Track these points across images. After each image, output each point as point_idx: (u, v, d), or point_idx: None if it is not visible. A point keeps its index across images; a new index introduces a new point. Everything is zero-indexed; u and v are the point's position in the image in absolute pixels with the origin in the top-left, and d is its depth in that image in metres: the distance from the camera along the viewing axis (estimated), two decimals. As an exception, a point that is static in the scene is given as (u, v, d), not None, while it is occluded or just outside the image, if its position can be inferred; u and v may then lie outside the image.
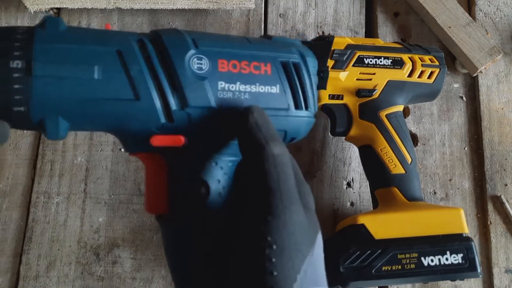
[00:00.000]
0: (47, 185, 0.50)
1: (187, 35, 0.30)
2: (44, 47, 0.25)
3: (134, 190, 0.51)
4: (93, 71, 0.26)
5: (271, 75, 0.31)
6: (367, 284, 0.41)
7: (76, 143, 0.52)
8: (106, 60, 0.26)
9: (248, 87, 0.30)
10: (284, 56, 0.32)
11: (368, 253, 0.40)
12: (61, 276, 0.48)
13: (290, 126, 0.32)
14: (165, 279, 0.49)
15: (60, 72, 0.25)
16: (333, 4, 0.59)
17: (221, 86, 0.29)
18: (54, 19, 0.27)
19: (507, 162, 0.54)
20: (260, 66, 0.30)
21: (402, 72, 0.47)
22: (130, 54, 0.27)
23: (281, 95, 0.31)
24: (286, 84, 0.31)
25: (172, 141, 0.28)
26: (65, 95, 0.25)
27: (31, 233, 0.49)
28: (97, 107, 0.26)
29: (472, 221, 0.53)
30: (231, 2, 0.54)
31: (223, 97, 0.29)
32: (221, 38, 0.31)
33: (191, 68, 0.29)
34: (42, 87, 0.25)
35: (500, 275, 0.51)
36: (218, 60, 0.29)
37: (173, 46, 0.29)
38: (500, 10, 0.59)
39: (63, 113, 0.26)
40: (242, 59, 0.30)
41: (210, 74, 0.29)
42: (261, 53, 0.31)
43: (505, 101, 0.56)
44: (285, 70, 0.32)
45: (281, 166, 0.25)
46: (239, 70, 0.30)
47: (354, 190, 0.53)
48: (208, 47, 0.30)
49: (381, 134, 0.46)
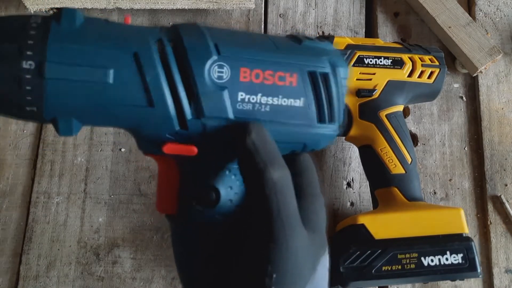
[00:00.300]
0: (47, 185, 0.50)
1: (210, 38, 0.27)
2: (58, 46, 0.24)
3: (134, 190, 0.51)
4: (108, 75, 0.25)
5: (296, 86, 0.28)
6: (367, 284, 0.41)
7: (76, 143, 0.52)
8: (122, 64, 0.25)
9: (270, 99, 0.27)
10: (313, 65, 0.29)
11: (368, 253, 0.40)
12: (61, 276, 0.48)
13: (310, 139, 0.29)
14: (165, 279, 0.49)
15: (73, 75, 0.24)
16: (333, 4, 0.59)
17: (241, 97, 0.27)
18: (70, 12, 0.25)
19: (507, 162, 0.54)
20: (285, 77, 0.28)
21: (402, 72, 0.47)
22: (148, 57, 0.25)
23: (304, 108, 0.28)
24: (311, 97, 0.28)
25: (184, 151, 0.27)
26: (77, 98, 0.25)
27: (31, 233, 0.49)
28: (110, 111, 0.26)
29: (472, 221, 0.53)
30: (231, 2, 0.54)
31: (242, 108, 0.27)
32: (245, 41, 0.29)
33: (210, 76, 0.26)
34: (54, 90, 0.24)
35: (500, 275, 0.51)
36: (241, 69, 0.27)
37: (194, 51, 0.26)
38: (500, 10, 0.59)
39: (75, 115, 0.25)
40: (266, 68, 0.27)
41: (230, 84, 0.27)
42: (288, 61, 0.28)
43: (505, 101, 0.56)
44: (312, 81, 0.29)
45: (281, 192, 0.24)
46: (262, 81, 0.27)
47: (354, 190, 0.53)
48: (231, 54, 0.27)
49: (381, 134, 0.46)
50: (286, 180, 0.25)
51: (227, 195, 0.29)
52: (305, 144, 0.30)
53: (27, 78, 0.23)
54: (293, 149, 0.30)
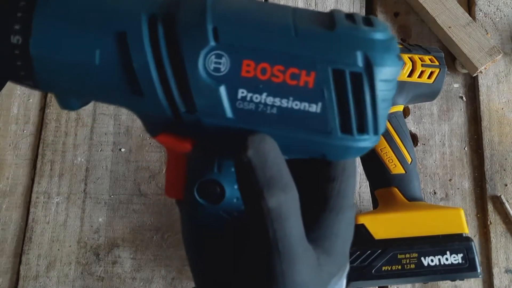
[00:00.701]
0: (47, 185, 0.50)
1: (210, 18, 0.21)
2: (44, 21, 0.21)
3: (134, 190, 0.51)
4: (94, 55, 0.21)
5: (313, 88, 0.22)
6: (367, 284, 0.41)
7: (76, 143, 0.52)
8: (107, 45, 0.21)
9: (278, 100, 0.22)
10: (340, 62, 0.22)
11: (368, 253, 0.40)
12: (61, 276, 0.48)
13: (330, 151, 0.24)
14: (165, 279, 0.49)
15: (58, 54, 0.22)
16: (333, 4, 0.59)
17: (242, 94, 0.22)
18: None
19: (507, 162, 0.54)
20: (299, 75, 0.22)
21: (402, 72, 0.47)
22: (136, 39, 0.21)
23: (322, 115, 0.22)
24: (333, 102, 0.22)
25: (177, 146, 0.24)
26: (66, 78, 0.22)
27: (31, 233, 0.49)
28: (101, 94, 0.23)
29: (472, 221, 0.53)
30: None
31: (243, 108, 0.22)
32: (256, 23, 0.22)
33: (205, 68, 0.22)
34: (41, 68, 0.22)
35: (500, 275, 0.51)
36: (243, 61, 0.22)
37: (187, 36, 0.21)
38: (500, 10, 0.59)
39: (70, 93, 0.23)
40: (276, 62, 0.22)
41: (229, 78, 0.22)
42: (306, 54, 0.22)
43: (505, 101, 0.56)
44: (337, 82, 0.22)
45: (278, 221, 0.20)
46: (269, 77, 0.22)
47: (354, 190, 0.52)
48: (232, 41, 0.22)
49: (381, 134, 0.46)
50: (286, 206, 0.21)
51: (233, 193, 0.25)
52: (324, 154, 0.24)
53: (16, 54, 0.22)
54: (311, 156, 0.25)
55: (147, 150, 0.52)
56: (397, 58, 0.22)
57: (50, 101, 0.53)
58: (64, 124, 0.52)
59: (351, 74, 0.22)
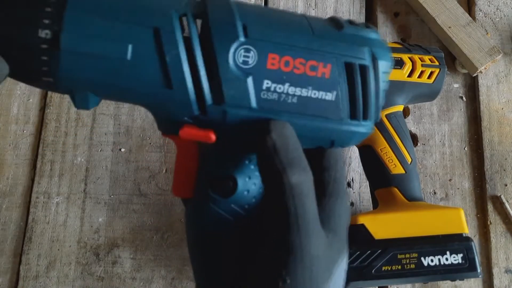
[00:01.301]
0: (47, 185, 0.50)
1: (239, 17, 0.24)
2: (76, 16, 0.22)
3: (134, 190, 0.51)
4: (126, 50, 0.23)
5: (329, 78, 0.25)
6: (367, 284, 0.41)
7: (76, 143, 0.52)
8: (141, 39, 0.23)
9: (299, 90, 0.25)
10: (351, 56, 0.26)
11: (368, 253, 0.40)
12: (61, 276, 0.48)
13: (340, 136, 0.27)
14: (165, 279, 0.49)
15: (90, 48, 0.23)
16: (333, 4, 0.59)
17: (266, 85, 0.25)
18: None
19: (507, 162, 0.54)
20: (317, 67, 0.25)
21: (402, 72, 0.47)
22: (169, 34, 0.23)
23: (336, 103, 0.26)
24: (345, 91, 0.26)
25: (202, 137, 0.25)
26: (94, 73, 0.23)
27: (31, 233, 0.49)
28: (127, 89, 0.24)
29: (472, 221, 0.53)
30: (231, 2, 0.54)
31: (267, 98, 0.25)
32: (278, 23, 0.26)
33: (235, 60, 0.24)
34: (69, 62, 0.23)
35: (500, 275, 0.51)
36: (269, 55, 0.24)
37: (219, 31, 0.24)
38: (500, 10, 0.59)
39: (91, 89, 0.24)
40: (297, 56, 0.25)
41: (256, 70, 0.24)
42: (323, 49, 0.25)
43: (505, 101, 0.56)
44: (348, 73, 0.26)
45: (300, 197, 0.23)
46: (292, 69, 0.25)
47: (354, 190, 0.52)
48: (260, 37, 0.24)
49: (381, 134, 0.46)
50: (306, 185, 0.23)
51: (245, 186, 0.27)
52: (333, 141, 0.27)
53: (43, 48, 0.22)
54: (320, 145, 0.28)
55: (147, 150, 0.52)
56: (391, 55, 0.27)
57: (50, 101, 0.53)
58: (64, 124, 0.52)
59: (360, 67, 0.26)
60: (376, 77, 0.26)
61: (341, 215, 0.26)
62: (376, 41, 0.27)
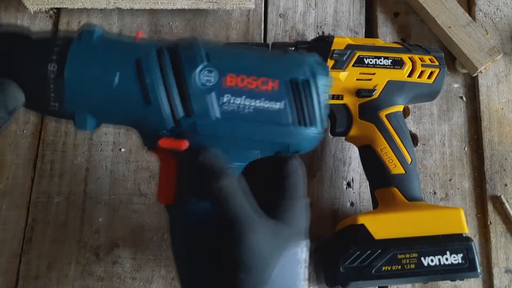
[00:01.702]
0: (47, 185, 0.50)
1: (203, 48, 0.31)
2: (76, 53, 0.29)
3: (134, 190, 0.51)
4: (114, 77, 0.29)
5: (278, 91, 0.31)
6: (367, 284, 0.41)
7: (76, 143, 0.52)
8: (126, 68, 0.30)
9: (253, 101, 0.31)
10: (294, 72, 0.31)
11: (368, 253, 0.40)
12: (61, 276, 0.48)
13: (292, 140, 0.32)
14: (165, 279, 0.49)
15: (86, 75, 0.29)
16: (333, 4, 0.59)
17: (227, 98, 0.30)
18: (89, 30, 0.30)
19: (507, 162, 0.54)
20: (267, 82, 0.31)
21: (402, 72, 0.47)
22: (147, 63, 0.30)
23: (284, 111, 0.31)
24: (291, 101, 0.31)
25: (176, 145, 0.31)
26: (90, 95, 0.30)
27: (31, 233, 0.49)
28: (116, 108, 0.30)
29: (472, 221, 0.53)
30: (231, 2, 0.54)
31: (228, 109, 0.31)
32: (235, 51, 0.33)
33: (200, 80, 0.30)
34: (71, 87, 0.29)
35: (500, 275, 0.51)
36: (227, 74, 0.30)
37: (187, 58, 0.30)
38: (500, 10, 0.59)
39: (89, 110, 0.30)
40: (250, 74, 0.31)
41: (217, 87, 0.30)
42: (271, 68, 0.32)
43: (505, 101, 0.56)
44: (292, 87, 0.31)
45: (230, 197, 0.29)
46: (246, 85, 0.31)
47: (354, 190, 0.53)
48: (219, 60, 0.31)
49: (381, 134, 0.46)
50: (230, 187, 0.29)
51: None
52: (288, 144, 0.32)
53: (51, 78, 0.29)
54: (278, 149, 0.33)
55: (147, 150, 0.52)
56: (329, 72, 0.33)
57: (50, 101, 0.53)
58: (64, 124, 0.52)
59: (302, 81, 0.31)
60: (316, 89, 0.32)
61: (295, 213, 0.32)
62: (315, 62, 0.33)
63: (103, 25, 0.56)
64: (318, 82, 0.32)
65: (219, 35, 0.57)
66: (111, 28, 0.56)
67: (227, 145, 0.32)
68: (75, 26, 0.56)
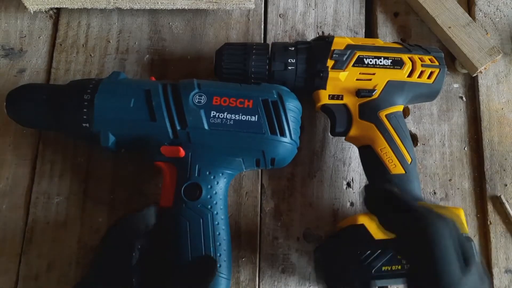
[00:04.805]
0: (47, 185, 0.50)
1: (196, 81, 0.43)
2: (105, 88, 0.43)
3: (134, 191, 0.51)
4: (130, 102, 0.42)
5: (252, 108, 0.42)
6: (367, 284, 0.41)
7: (76, 143, 0.52)
8: (138, 95, 0.42)
9: (233, 115, 0.42)
10: (265, 95, 0.43)
11: (368, 253, 0.40)
12: (61, 276, 0.48)
13: (266, 146, 0.42)
14: (165, 279, 0.49)
15: (110, 101, 0.42)
16: (333, 4, 0.59)
17: (213, 114, 0.42)
18: (116, 74, 0.45)
19: (507, 162, 0.54)
20: (244, 101, 0.42)
21: (402, 72, 0.47)
22: (154, 91, 0.42)
23: (258, 122, 0.42)
24: (263, 115, 0.42)
25: (175, 152, 0.41)
26: (112, 116, 0.42)
27: (31, 233, 0.49)
28: (130, 125, 0.42)
29: (472, 221, 0.53)
30: (231, 2, 0.54)
31: (214, 122, 0.42)
32: (222, 83, 0.45)
33: (193, 101, 0.42)
34: (99, 110, 0.42)
35: (500, 275, 0.51)
36: (214, 97, 0.42)
37: (184, 87, 0.43)
38: (500, 10, 0.60)
39: (111, 129, 0.42)
40: (231, 96, 0.42)
41: (205, 106, 0.42)
42: (247, 92, 0.43)
43: (505, 101, 0.56)
44: (265, 105, 0.42)
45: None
46: (228, 104, 0.42)
47: (354, 190, 0.53)
48: (207, 88, 0.43)
49: (381, 134, 0.46)
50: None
51: (207, 192, 0.42)
52: (263, 151, 0.42)
53: (85, 105, 0.42)
54: (256, 157, 0.43)
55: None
56: (295, 98, 0.45)
57: (50, 101, 0.53)
58: (64, 124, 0.52)
59: (271, 101, 0.43)
60: (283, 107, 0.43)
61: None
62: (283, 90, 0.44)
63: (103, 25, 0.56)
64: (285, 103, 0.43)
65: (219, 35, 0.57)
66: (111, 28, 0.56)
67: (214, 152, 0.42)
68: (75, 26, 0.56)
